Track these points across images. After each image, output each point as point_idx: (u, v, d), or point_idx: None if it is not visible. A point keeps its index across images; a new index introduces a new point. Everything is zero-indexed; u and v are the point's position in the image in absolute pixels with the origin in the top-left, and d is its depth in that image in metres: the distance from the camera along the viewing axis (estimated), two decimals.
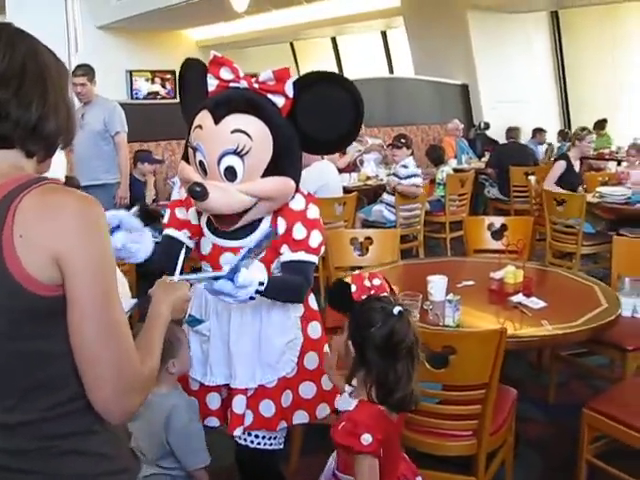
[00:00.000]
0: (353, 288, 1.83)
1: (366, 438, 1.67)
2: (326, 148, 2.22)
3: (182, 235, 2.09)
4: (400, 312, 1.73)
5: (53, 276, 1.06)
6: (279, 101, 1.91)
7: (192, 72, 2.11)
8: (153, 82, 12.82)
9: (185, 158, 2.03)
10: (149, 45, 12.40)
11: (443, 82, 10.20)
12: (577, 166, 5.93)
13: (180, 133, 6.96)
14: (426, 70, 10.28)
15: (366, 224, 6.31)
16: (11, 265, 1.04)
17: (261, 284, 1.77)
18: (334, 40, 14.59)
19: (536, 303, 2.81)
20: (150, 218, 5.66)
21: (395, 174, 6.35)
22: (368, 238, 3.83)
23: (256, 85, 1.92)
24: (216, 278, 1.71)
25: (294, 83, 1.91)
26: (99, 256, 1.10)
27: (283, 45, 15.21)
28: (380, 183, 6.85)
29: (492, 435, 2.38)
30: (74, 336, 1.09)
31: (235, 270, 1.69)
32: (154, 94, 12.71)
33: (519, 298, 2.86)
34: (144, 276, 2.56)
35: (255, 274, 1.75)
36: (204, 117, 1.91)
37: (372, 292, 1.84)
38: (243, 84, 1.94)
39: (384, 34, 13.22)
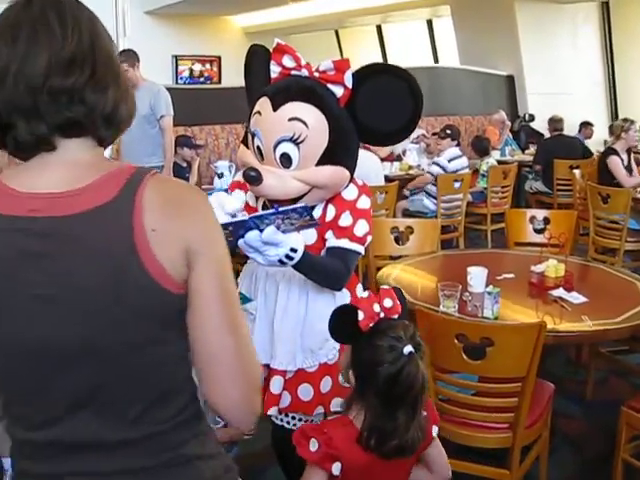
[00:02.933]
0: (360, 315, 1.66)
1: (314, 444, 1.62)
2: (384, 139, 2.21)
3: (240, 216, 2.13)
4: (411, 353, 1.59)
5: (182, 271, 1.02)
6: (338, 91, 1.93)
7: (256, 58, 2.15)
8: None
9: (245, 142, 2.07)
10: (195, 30, 12.47)
11: (488, 73, 10.09)
12: (625, 159, 5.84)
13: (224, 117, 7.06)
14: (471, 60, 10.17)
15: (407, 213, 6.32)
16: (146, 260, 0.99)
17: (293, 250, 1.78)
18: (379, 28, 14.50)
19: (576, 298, 2.79)
20: None
21: (436, 163, 6.34)
22: (409, 227, 3.83)
23: (316, 74, 1.94)
24: (243, 222, 1.74)
25: (354, 74, 1.92)
26: (223, 250, 1.07)
27: (328, 32, 15.15)
28: (421, 173, 6.82)
29: (527, 429, 2.38)
30: (199, 334, 1.04)
31: (261, 220, 1.72)
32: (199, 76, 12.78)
33: (559, 292, 2.85)
34: None
35: (288, 237, 1.77)
36: (264, 103, 1.95)
37: (382, 315, 1.67)
38: (304, 72, 1.96)
39: (430, 23, 13.09)
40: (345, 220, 1.99)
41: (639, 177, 5.76)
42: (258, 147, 1.98)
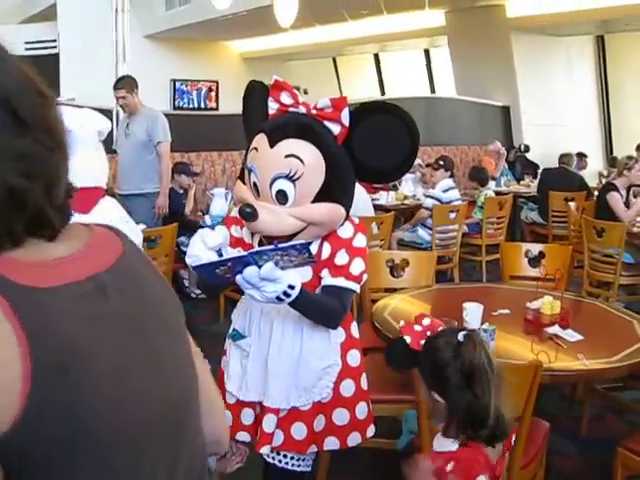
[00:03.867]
0: (408, 340, 1.75)
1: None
2: (381, 177, 2.20)
3: (226, 251, 2.12)
4: (465, 336, 1.67)
5: None
6: (335, 129, 1.94)
7: (255, 94, 2.15)
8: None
9: (241, 178, 2.07)
10: (193, 55, 12.58)
11: (484, 103, 10.17)
12: (624, 195, 5.87)
13: (220, 144, 7.10)
14: (468, 90, 10.26)
15: (402, 243, 6.32)
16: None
17: (291, 287, 1.77)
18: (377, 57, 14.63)
19: (572, 336, 2.77)
20: (188, 229, 5.76)
21: (430, 195, 6.36)
22: (404, 260, 3.82)
23: (314, 111, 1.95)
24: (241, 257, 1.74)
25: (351, 112, 1.93)
26: None
27: (326, 60, 15.28)
28: (417, 203, 6.84)
29: (522, 469, 2.35)
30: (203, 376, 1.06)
31: (260, 256, 1.71)
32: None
33: (555, 330, 2.83)
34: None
35: (286, 274, 1.76)
36: (261, 140, 1.95)
37: (428, 333, 1.76)
38: (302, 109, 1.97)
39: (427, 52, 13.22)
40: (341, 259, 1.99)
41: (635, 208, 5.76)
42: (254, 183, 1.97)
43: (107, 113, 5.04)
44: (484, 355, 1.65)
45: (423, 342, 1.74)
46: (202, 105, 12.99)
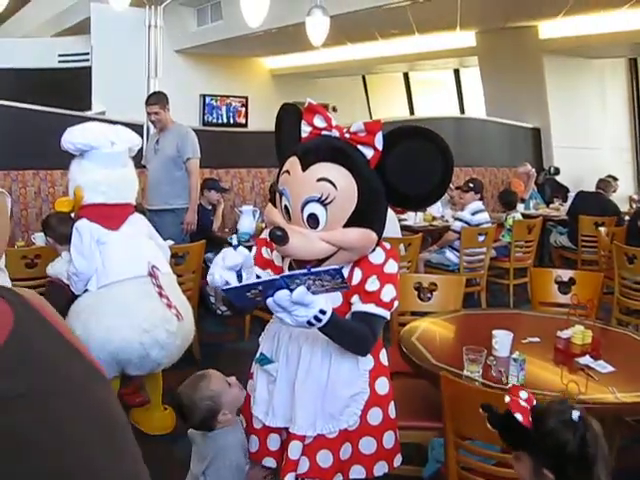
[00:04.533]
0: (519, 417, 1.68)
1: None
2: (411, 203, 2.17)
3: (265, 275, 2.11)
4: (580, 417, 1.63)
5: None
6: (368, 153, 1.92)
7: (288, 117, 2.15)
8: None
9: (272, 201, 2.06)
10: (223, 70, 12.68)
11: (515, 125, 10.11)
12: None
13: (249, 161, 7.13)
14: (498, 111, 10.21)
15: (429, 265, 6.28)
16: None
17: (322, 312, 1.76)
18: (406, 75, 14.63)
19: (604, 367, 2.72)
20: (215, 245, 5.77)
21: (459, 218, 6.32)
22: (432, 284, 3.79)
23: (347, 135, 1.94)
24: (273, 281, 1.73)
25: (385, 136, 1.91)
26: None
27: (355, 77, 15.31)
28: (446, 224, 6.80)
29: None
30: None
31: (292, 279, 1.70)
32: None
33: (586, 360, 2.77)
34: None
35: (318, 299, 1.74)
36: (293, 163, 1.94)
37: (529, 408, 1.71)
38: (335, 133, 1.96)
39: (457, 72, 13.20)
40: (372, 285, 1.97)
41: None
42: (285, 206, 1.96)
43: (138, 128, 5.07)
44: (603, 439, 1.62)
45: (531, 419, 1.68)
46: (231, 121, 13.05)
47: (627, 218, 7.03)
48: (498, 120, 10.02)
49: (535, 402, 1.72)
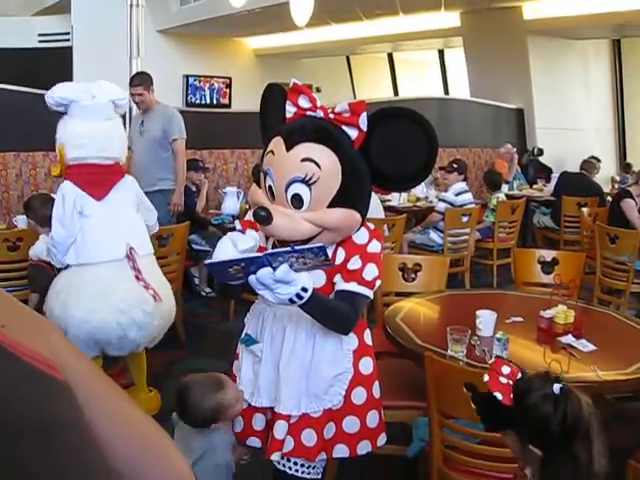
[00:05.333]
0: (500, 396, 1.64)
1: None
2: (397, 184, 2.18)
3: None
4: (562, 389, 1.58)
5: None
6: (353, 133, 1.92)
7: (272, 97, 2.14)
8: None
9: (257, 181, 2.06)
10: (207, 51, 12.56)
11: (498, 105, 10.12)
12: (639, 203, 5.84)
13: (233, 142, 7.06)
14: (482, 92, 10.21)
15: (413, 246, 6.30)
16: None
17: (304, 290, 1.76)
18: (390, 56, 14.59)
19: (585, 346, 2.75)
20: (199, 227, 5.73)
21: (443, 199, 6.34)
22: (417, 264, 3.81)
23: (331, 116, 1.94)
24: (256, 258, 1.73)
25: (369, 117, 1.91)
26: None
27: (339, 58, 15.24)
28: (430, 205, 6.81)
29: None
30: None
31: (275, 257, 1.70)
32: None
33: (568, 339, 2.81)
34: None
35: (300, 276, 1.75)
36: (277, 143, 1.94)
37: (511, 383, 1.67)
38: (319, 113, 1.96)
39: (441, 53, 13.17)
40: (354, 264, 1.97)
41: None
42: (270, 187, 1.96)
43: None
44: (586, 408, 1.57)
45: (512, 396, 1.65)
46: (214, 102, 12.96)
47: (609, 199, 7.08)
48: (482, 101, 10.03)
49: (520, 374, 1.69)
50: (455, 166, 6.45)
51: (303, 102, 1.97)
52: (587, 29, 9.68)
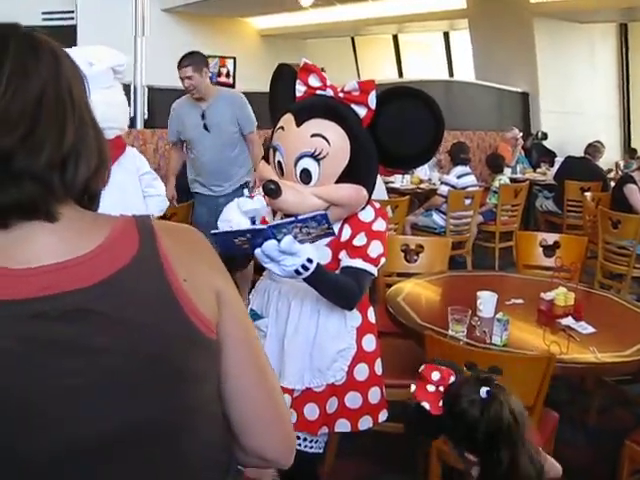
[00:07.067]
0: (426, 406, 1.61)
1: None
2: (402, 163, 2.22)
3: (258, 220, 2.14)
4: (489, 392, 1.55)
5: (217, 316, 0.93)
6: (361, 112, 1.96)
7: (283, 77, 2.19)
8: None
9: (266, 159, 2.09)
10: (211, 30, 12.50)
11: (503, 89, 10.09)
12: None
13: None
14: (487, 75, 10.18)
15: (415, 227, 6.32)
16: (192, 315, 0.88)
17: (309, 261, 1.79)
18: (395, 38, 14.53)
19: (585, 328, 2.78)
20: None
21: (445, 182, 6.35)
22: (419, 245, 3.83)
23: (341, 94, 1.98)
24: (261, 230, 1.75)
25: (378, 95, 1.94)
26: (236, 289, 1.00)
27: (344, 39, 15.18)
28: (432, 187, 6.83)
29: None
30: (235, 379, 0.97)
31: (279, 229, 1.73)
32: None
33: (568, 321, 2.83)
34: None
35: (305, 248, 1.78)
36: (288, 119, 1.97)
37: (442, 389, 1.63)
38: (329, 92, 2.00)
39: (446, 35, 13.11)
40: (359, 240, 2.00)
41: None
42: (279, 162, 1.99)
43: (124, 89, 4.92)
44: (508, 413, 1.53)
45: (442, 403, 1.61)
46: (219, 81, 12.93)
47: (612, 184, 7.09)
48: (487, 84, 10.01)
49: (453, 378, 1.64)
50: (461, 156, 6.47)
51: (313, 81, 2.01)
52: (594, 12, 9.64)
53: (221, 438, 0.99)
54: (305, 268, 1.79)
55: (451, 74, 12.91)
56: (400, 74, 14.58)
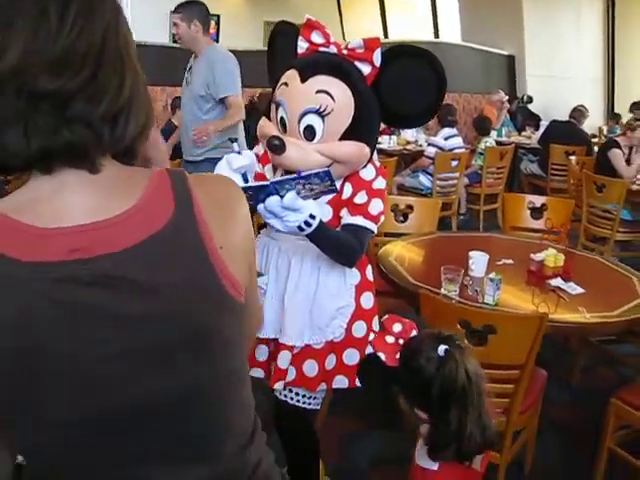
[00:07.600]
0: (382, 357, 1.63)
1: None
2: (403, 122, 2.24)
3: (249, 175, 2.13)
4: (446, 350, 1.56)
5: (247, 281, 0.94)
6: (365, 69, 1.95)
7: (283, 34, 2.16)
8: None
9: (267, 115, 2.07)
10: None
11: (490, 51, 10.05)
12: (627, 153, 5.89)
13: None
14: (473, 37, 10.12)
15: (402, 189, 6.35)
16: (227, 282, 0.88)
17: (312, 217, 1.80)
18: None
19: (574, 289, 2.82)
20: None
21: (432, 143, 6.36)
22: (409, 206, 3.85)
23: (345, 51, 1.96)
24: (263, 186, 1.75)
25: (383, 53, 1.93)
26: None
27: None
28: (419, 149, 6.83)
29: (521, 414, 2.44)
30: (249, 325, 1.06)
31: (282, 185, 1.73)
32: None
33: (557, 282, 2.88)
34: None
35: (307, 204, 1.78)
36: (291, 75, 1.95)
37: (401, 341, 1.65)
38: (332, 49, 1.98)
39: None
40: (360, 198, 2.01)
41: (636, 165, 5.80)
42: (282, 118, 1.98)
43: None
44: (463, 374, 1.55)
45: (399, 356, 1.64)
46: None
47: (596, 149, 7.13)
48: (473, 46, 9.95)
49: (414, 332, 1.67)
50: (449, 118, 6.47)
51: (316, 38, 1.99)
52: None
53: (248, 401, 1.01)
54: (308, 224, 1.80)
55: (437, 35, 12.80)
56: (385, 35, 14.43)
